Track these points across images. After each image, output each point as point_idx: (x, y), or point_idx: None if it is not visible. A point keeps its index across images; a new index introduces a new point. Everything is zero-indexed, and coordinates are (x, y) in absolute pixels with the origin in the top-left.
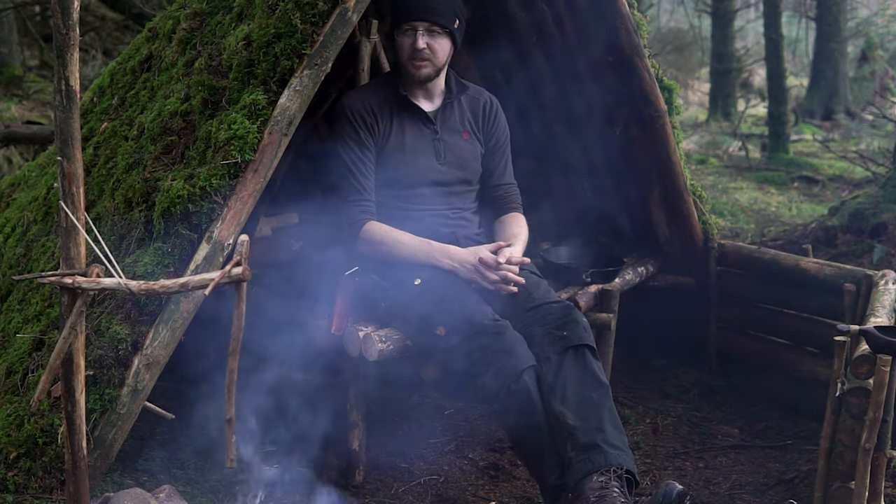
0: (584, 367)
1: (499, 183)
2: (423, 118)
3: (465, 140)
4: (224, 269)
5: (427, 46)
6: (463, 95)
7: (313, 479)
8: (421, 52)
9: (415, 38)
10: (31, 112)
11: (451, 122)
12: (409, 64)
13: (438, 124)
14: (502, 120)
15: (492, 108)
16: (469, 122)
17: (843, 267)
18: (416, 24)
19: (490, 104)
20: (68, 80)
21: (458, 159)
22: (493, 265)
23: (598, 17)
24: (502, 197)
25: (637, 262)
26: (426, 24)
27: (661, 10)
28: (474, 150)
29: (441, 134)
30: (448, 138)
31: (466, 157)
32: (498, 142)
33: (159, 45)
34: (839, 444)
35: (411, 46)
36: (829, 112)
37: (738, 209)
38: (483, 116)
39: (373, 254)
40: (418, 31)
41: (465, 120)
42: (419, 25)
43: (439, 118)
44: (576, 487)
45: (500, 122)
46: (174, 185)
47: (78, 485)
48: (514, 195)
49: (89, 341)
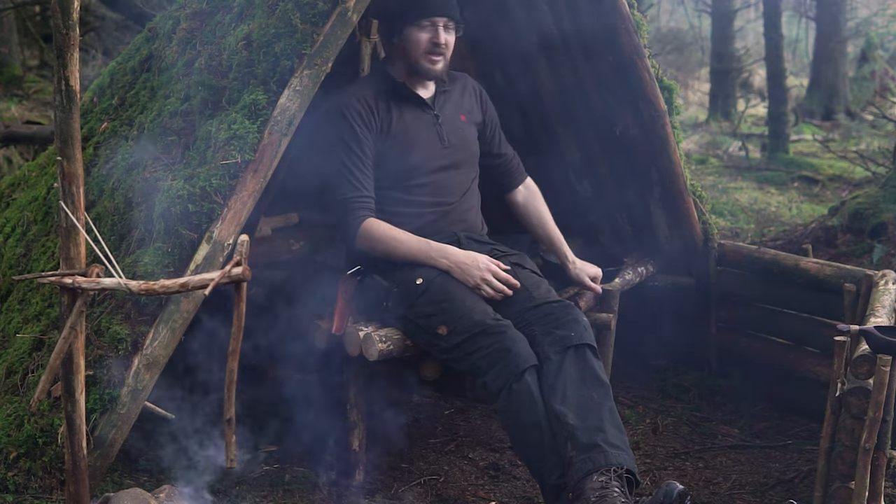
0: (584, 367)
1: (499, 153)
2: (421, 104)
3: (463, 122)
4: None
5: (444, 41)
6: (454, 83)
7: (313, 479)
8: (440, 46)
9: (435, 33)
10: (31, 112)
11: (449, 107)
12: (424, 58)
13: (437, 109)
14: (488, 100)
15: (478, 91)
16: (464, 107)
17: (843, 267)
18: (436, 18)
19: (475, 87)
20: (68, 80)
21: (461, 141)
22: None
23: (598, 17)
24: (506, 167)
25: (637, 262)
26: (446, 19)
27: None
28: (473, 133)
29: (441, 118)
30: (448, 122)
31: (468, 140)
32: (491, 119)
33: (159, 45)
34: (839, 444)
35: (430, 41)
36: (829, 112)
37: (738, 209)
38: (474, 99)
39: (371, 252)
40: (438, 26)
41: (461, 104)
42: (439, 21)
43: (437, 103)
44: (576, 487)
45: (489, 102)
46: (174, 185)
47: (78, 485)
48: (517, 163)
49: (89, 341)
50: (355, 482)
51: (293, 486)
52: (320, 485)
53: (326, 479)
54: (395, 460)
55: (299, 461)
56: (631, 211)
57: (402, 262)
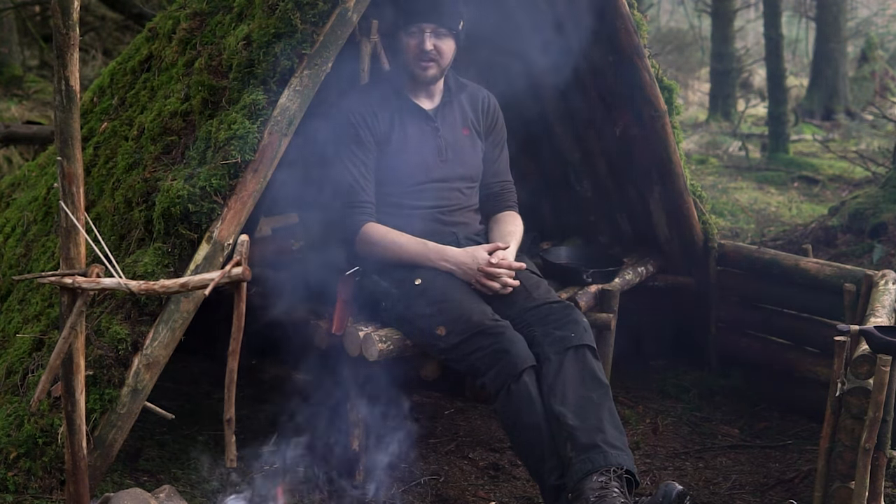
0: (584, 367)
1: (495, 179)
2: (423, 116)
3: (465, 137)
4: (224, 269)
5: (434, 48)
6: (462, 94)
7: (313, 479)
8: (428, 54)
9: (422, 40)
10: (31, 112)
11: (452, 120)
12: (415, 64)
13: (439, 122)
14: (500, 117)
15: (490, 105)
16: (470, 120)
17: (843, 267)
18: (423, 25)
19: (488, 100)
20: (68, 80)
21: (460, 156)
22: (493, 275)
23: (598, 18)
24: (498, 194)
25: (637, 262)
26: (433, 26)
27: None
28: (475, 147)
29: (442, 131)
30: (449, 136)
31: (468, 154)
32: (496, 138)
33: (159, 45)
34: (839, 444)
35: (418, 48)
36: (829, 112)
37: (738, 209)
38: (482, 113)
39: (370, 255)
40: (426, 32)
41: (465, 117)
42: (427, 27)
43: (439, 116)
44: (576, 487)
45: (499, 119)
46: (174, 185)
47: (78, 485)
48: (509, 192)
49: (89, 341)
50: (355, 482)
51: (293, 486)
52: (320, 485)
53: (326, 479)
54: (395, 460)
55: (299, 461)
56: (631, 211)
57: (401, 265)
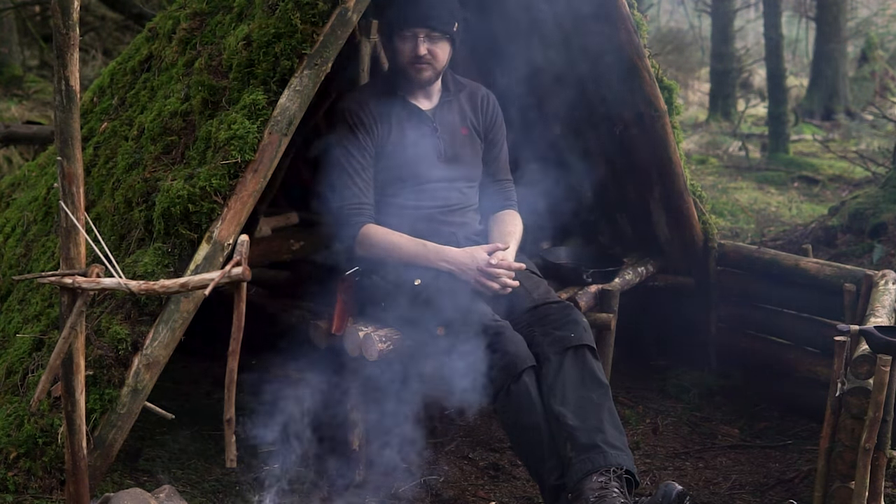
0: (583, 368)
1: (494, 179)
2: (421, 117)
3: (464, 136)
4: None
5: (428, 52)
6: (461, 93)
7: (313, 479)
8: (422, 58)
9: (416, 44)
10: (31, 112)
11: (450, 120)
12: (409, 67)
13: (437, 122)
14: (499, 115)
15: (489, 103)
16: (469, 119)
17: (843, 267)
18: (416, 30)
19: (487, 99)
20: (68, 80)
21: (459, 156)
22: (493, 275)
23: (598, 18)
24: (497, 193)
25: (637, 262)
26: (427, 31)
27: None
28: (474, 147)
29: (440, 131)
30: (448, 135)
31: (467, 154)
32: (495, 137)
33: (159, 45)
34: (839, 444)
35: (412, 52)
36: (829, 112)
37: (738, 209)
38: (481, 112)
39: (369, 256)
40: (419, 37)
41: (464, 116)
42: (419, 32)
43: (438, 116)
44: (575, 488)
45: (498, 118)
46: (174, 185)
47: (78, 485)
48: (509, 191)
49: (89, 341)
50: (355, 482)
51: (293, 486)
52: (320, 485)
53: (326, 478)
54: (395, 460)
55: (299, 461)
56: (631, 211)
57: (401, 266)
